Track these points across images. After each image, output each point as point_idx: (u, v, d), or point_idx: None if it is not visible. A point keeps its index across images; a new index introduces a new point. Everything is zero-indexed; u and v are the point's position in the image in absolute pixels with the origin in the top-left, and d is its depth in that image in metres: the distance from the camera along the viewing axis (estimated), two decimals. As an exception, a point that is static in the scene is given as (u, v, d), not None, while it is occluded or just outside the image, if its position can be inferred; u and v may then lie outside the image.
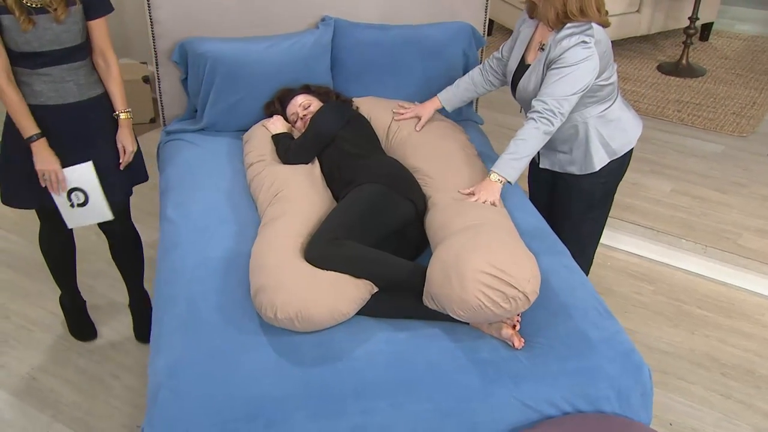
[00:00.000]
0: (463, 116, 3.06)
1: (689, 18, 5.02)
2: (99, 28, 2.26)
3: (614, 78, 2.31)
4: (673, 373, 2.67)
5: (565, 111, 2.15)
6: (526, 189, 2.71)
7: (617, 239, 3.37)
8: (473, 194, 2.24)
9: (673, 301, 3.05)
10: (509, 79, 2.45)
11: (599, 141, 2.34)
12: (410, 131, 2.64)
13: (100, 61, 2.31)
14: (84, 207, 2.33)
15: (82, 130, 2.29)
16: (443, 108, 2.69)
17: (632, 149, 2.43)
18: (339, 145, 2.46)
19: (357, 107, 2.79)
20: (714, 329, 2.89)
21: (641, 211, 3.55)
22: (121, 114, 2.36)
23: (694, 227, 3.43)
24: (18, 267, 3.14)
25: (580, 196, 2.45)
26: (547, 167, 2.48)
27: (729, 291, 3.11)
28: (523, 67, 2.36)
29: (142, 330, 2.72)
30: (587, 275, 2.69)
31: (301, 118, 2.65)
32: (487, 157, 2.71)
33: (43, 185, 2.26)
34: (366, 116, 2.72)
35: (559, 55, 2.14)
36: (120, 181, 2.42)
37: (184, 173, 2.59)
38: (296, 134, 2.65)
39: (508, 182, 2.22)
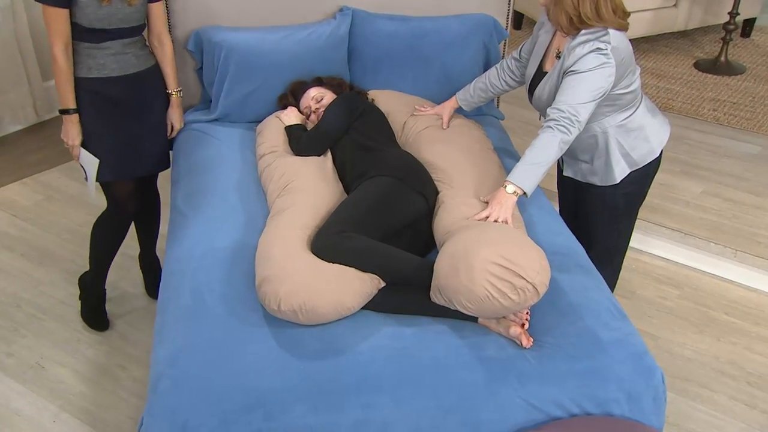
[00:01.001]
0: (484, 111, 3.07)
1: (729, 13, 4.97)
2: (158, 11, 2.56)
3: (635, 85, 2.27)
4: (696, 381, 2.65)
5: (582, 119, 2.13)
6: (546, 188, 2.71)
7: (643, 242, 3.36)
8: (487, 210, 2.14)
9: (699, 306, 3.03)
10: (527, 85, 2.45)
11: (619, 152, 2.32)
12: (426, 126, 2.66)
13: (155, 42, 2.60)
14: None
15: (141, 98, 2.55)
16: (461, 108, 2.72)
17: (659, 158, 2.40)
18: (352, 137, 2.50)
19: (373, 99, 2.82)
20: (741, 336, 2.87)
21: (669, 213, 3.53)
22: (173, 93, 2.67)
23: (724, 230, 3.40)
24: (31, 256, 3.23)
25: (603, 207, 2.44)
26: (570, 176, 2.48)
27: (759, 297, 3.08)
28: (540, 74, 2.36)
29: (153, 287, 2.99)
30: (615, 284, 2.68)
31: (314, 112, 2.69)
32: (506, 152, 2.73)
33: None
34: (384, 110, 2.75)
35: (573, 63, 2.13)
36: (166, 151, 2.73)
37: (196, 164, 2.64)
38: (310, 127, 2.69)
39: (524, 194, 2.13)
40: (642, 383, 1.83)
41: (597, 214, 2.47)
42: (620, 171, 2.35)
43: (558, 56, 2.26)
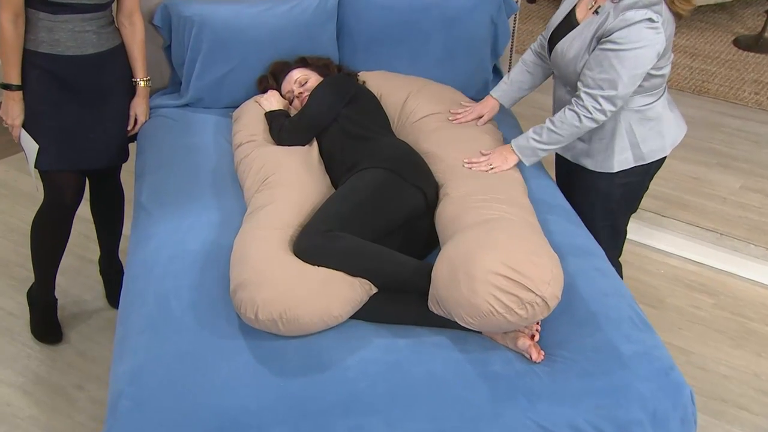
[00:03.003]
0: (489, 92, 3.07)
1: (773, -17, 5.00)
2: None
3: (666, 70, 2.30)
4: (734, 402, 2.67)
5: (618, 107, 2.18)
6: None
7: (672, 243, 3.38)
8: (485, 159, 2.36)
9: (737, 316, 3.04)
10: (547, 34, 2.44)
11: (628, 139, 2.35)
12: (427, 114, 2.67)
13: (126, 22, 2.62)
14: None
15: (99, 82, 2.57)
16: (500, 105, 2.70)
17: (665, 158, 2.44)
18: (341, 124, 2.52)
19: (364, 82, 2.84)
20: (784, 351, 2.90)
21: (702, 211, 3.55)
22: (141, 81, 2.69)
23: (765, 230, 3.42)
24: (-25, 260, 3.25)
25: (596, 196, 2.47)
26: (559, 152, 2.51)
27: (805, 307, 3.11)
28: (568, 24, 2.33)
29: (114, 295, 2.98)
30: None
31: (298, 97, 2.71)
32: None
33: None
34: (376, 93, 2.77)
35: (619, 29, 2.12)
36: (123, 144, 2.74)
37: (164, 155, 2.66)
38: (293, 113, 2.71)
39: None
40: (668, 403, 1.84)
41: (587, 203, 2.49)
42: (622, 161, 2.37)
43: (596, 12, 2.24)
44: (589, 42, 2.23)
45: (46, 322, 2.86)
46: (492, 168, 2.34)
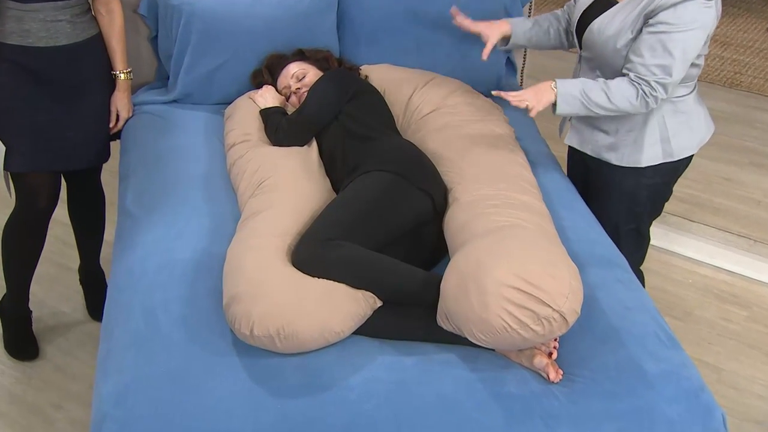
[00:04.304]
0: (502, 87, 3.09)
1: (811, -34, 5.01)
2: None
3: (703, 59, 2.32)
4: (768, 424, 2.69)
5: (668, 95, 2.19)
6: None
7: (701, 250, 3.38)
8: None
9: (772, 331, 3.06)
10: (576, 16, 2.43)
11: (659, 132, 2.36)
12: (433, 109, 2.69)
13: (102, 10, 2.62)
14: None
15: (74, 76, 2.56)
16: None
17: (691, 158, 2.45)
18: (342, 123, 2.53)
19: (366, 76, 2.85)
20: (824, 368, 2.90)
21: (734, 215, 3.55)
22: (121, 74, 2.69)
23: (803, 237, 3.43)
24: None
25: (621, 195, 2.47)
26: (574, 145, 2.50)
27: None
28: (604, 2, 2.33)
29: (96, 307, 2.95)
30: None
31: (295, 93, 2.73)
32: (529, 139, 2.75)
33: None
34: (379, 89, 2.79)
35: (672, 5, 2.14)
36: (103, 143, 2.74)
37: (150, 155, 2.67)
38: (291, 111, 2.72)
39: (554, 105, 2.28)
40: (698, 427, 1.85)
41: (610, 204, 2.50)
42: (651, 156, 2.38)
43: None
44: (635, 18, 2.23)
45: (20, 336, 2.87)
46: (527, 106, 2.26)
